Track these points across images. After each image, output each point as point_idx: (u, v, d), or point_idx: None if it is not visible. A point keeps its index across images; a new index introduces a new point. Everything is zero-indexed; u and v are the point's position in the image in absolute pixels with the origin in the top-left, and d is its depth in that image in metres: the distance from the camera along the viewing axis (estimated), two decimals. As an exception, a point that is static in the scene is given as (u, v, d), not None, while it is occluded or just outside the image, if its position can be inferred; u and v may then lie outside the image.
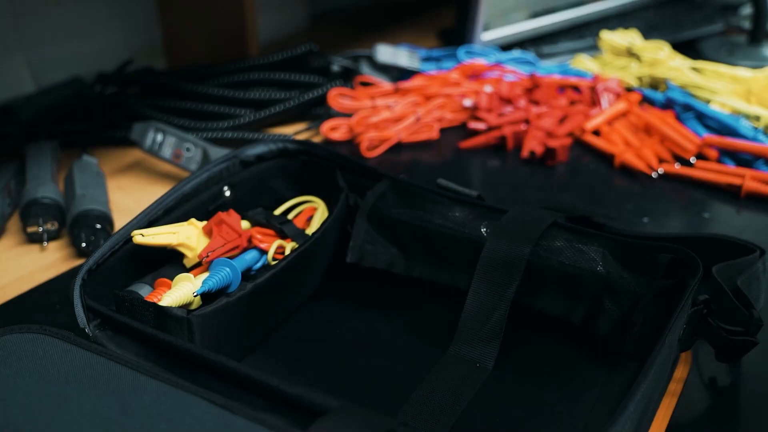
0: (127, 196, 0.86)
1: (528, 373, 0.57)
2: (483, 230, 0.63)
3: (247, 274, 0.62)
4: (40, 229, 0.76)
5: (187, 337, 0.52)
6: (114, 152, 0.96)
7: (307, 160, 0.72)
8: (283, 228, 0.65)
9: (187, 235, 0.61)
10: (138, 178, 0.90)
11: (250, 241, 0.63)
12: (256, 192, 0.72)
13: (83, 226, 0.74)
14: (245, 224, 0.66)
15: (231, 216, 0.63)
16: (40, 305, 0.68)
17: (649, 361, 0.45)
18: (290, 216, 0.69)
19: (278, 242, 0.63)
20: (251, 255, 0.62)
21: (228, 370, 0.46)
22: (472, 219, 0.64)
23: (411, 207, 0.67)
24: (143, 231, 0.59)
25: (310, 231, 0.67)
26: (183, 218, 0.64)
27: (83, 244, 0.74)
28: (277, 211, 0.70)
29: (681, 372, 0.56)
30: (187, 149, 0.87)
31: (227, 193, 0.69)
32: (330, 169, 0.71)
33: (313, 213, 0.70)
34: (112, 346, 0.49)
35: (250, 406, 0.43)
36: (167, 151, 0.87)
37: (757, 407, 0.54)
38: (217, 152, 0.85)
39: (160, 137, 0.87)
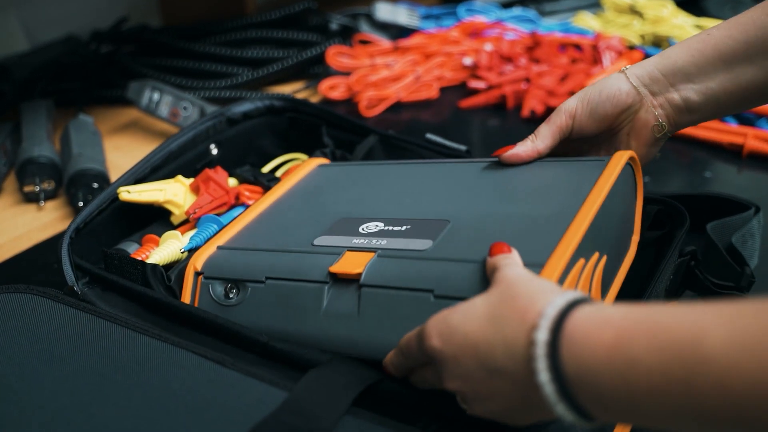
0: (124, 156, 0.85)
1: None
2: None
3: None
4: (37, 188, 0.76)
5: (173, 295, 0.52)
6: (110, 111, 0.95)
7: (295, 117, 0.72)
8: (270, 185, 0.64)
9: (174, 192, 0.60)
10: (135, 138, 0.90)
11: (237, 198, 0.63)
12: (243, 150, 0.71)
13: (80, 185, 0.74)
14: (233, 182, 0.66)
15: (218, 173, 0.63)
16: (38, 265, 0.68)
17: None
18: (278, 174, 0.69)
19: (265, 199, 0.63)
20: (239, 212, 0.62)
21: (217, 326, 0.46)
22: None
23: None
24: (129, 188, 0.59)
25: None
26: (170, 176, 0.64)
27: (80, 203, 0.74)
28: (265, 169, 0.70)
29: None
30: (185, 108, 0.86)
31: (214, 151, 0.68)
32: (318, 125, 0.70)
33: (300, 170, 0.70)
34: (101, 303, 0.49)
35: (241, 360, 0.43)
36: (164, 110, 0.86)
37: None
38: (214, 111, 0.84)
39: (156, 96, 0.87)
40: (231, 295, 0.50)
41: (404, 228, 0.49)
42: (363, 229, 0.50)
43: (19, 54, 1.00)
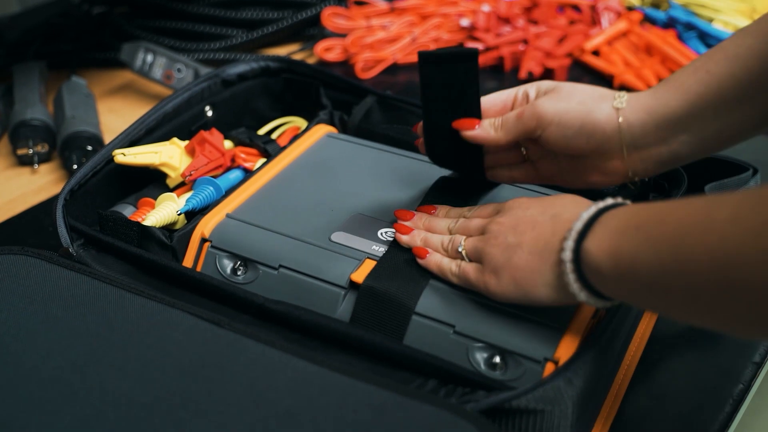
0: (119, 118, 0.85)
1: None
2: None
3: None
4: (30, 151, 0.76)
5: (171, 256, 0.52)
6: (104, 74, 0.94)
7: (290, 78, 0.71)
8: (266, 147, 0.64)
9: (169, 155, 0.60)
10: (129, 100, 0.89)
11: (233, 160, 0.62)
12: (238, 112, 0.71)
13: (74, 147, 0.74)
14: (228, 144, 0.65)
15: (214, 135, 0.62)
16: (33, 228, 0.68)
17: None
18: (273, 136, 0.69)
19: (262, 161, 0.63)
20: (235, 174, 0.62)
21: (213, 288, 0.46)
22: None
23: (398, 122, 0.66)
24: (125, 150, 0.58)
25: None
26: (165, 138, 0.63)
27: (74, 166, 0.73)
28: (261, 132, 0.69)
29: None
30: (178, 70, 0.85)
31: (209, 113, 0.68)
32: (313, 87, 0.70)
33: (296, 133, 0.69)
34: (96, 265, 0.49)
35: (237, 321, 0.43)
36: (158, 72, 0.86)
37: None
38: (209, 73, 0.84)
39: (150, 58, 0.86)
40: (239, 273, 0.51)
41: None
42: (381, 234, 0.52)
43: (10, 15, 0.98)
